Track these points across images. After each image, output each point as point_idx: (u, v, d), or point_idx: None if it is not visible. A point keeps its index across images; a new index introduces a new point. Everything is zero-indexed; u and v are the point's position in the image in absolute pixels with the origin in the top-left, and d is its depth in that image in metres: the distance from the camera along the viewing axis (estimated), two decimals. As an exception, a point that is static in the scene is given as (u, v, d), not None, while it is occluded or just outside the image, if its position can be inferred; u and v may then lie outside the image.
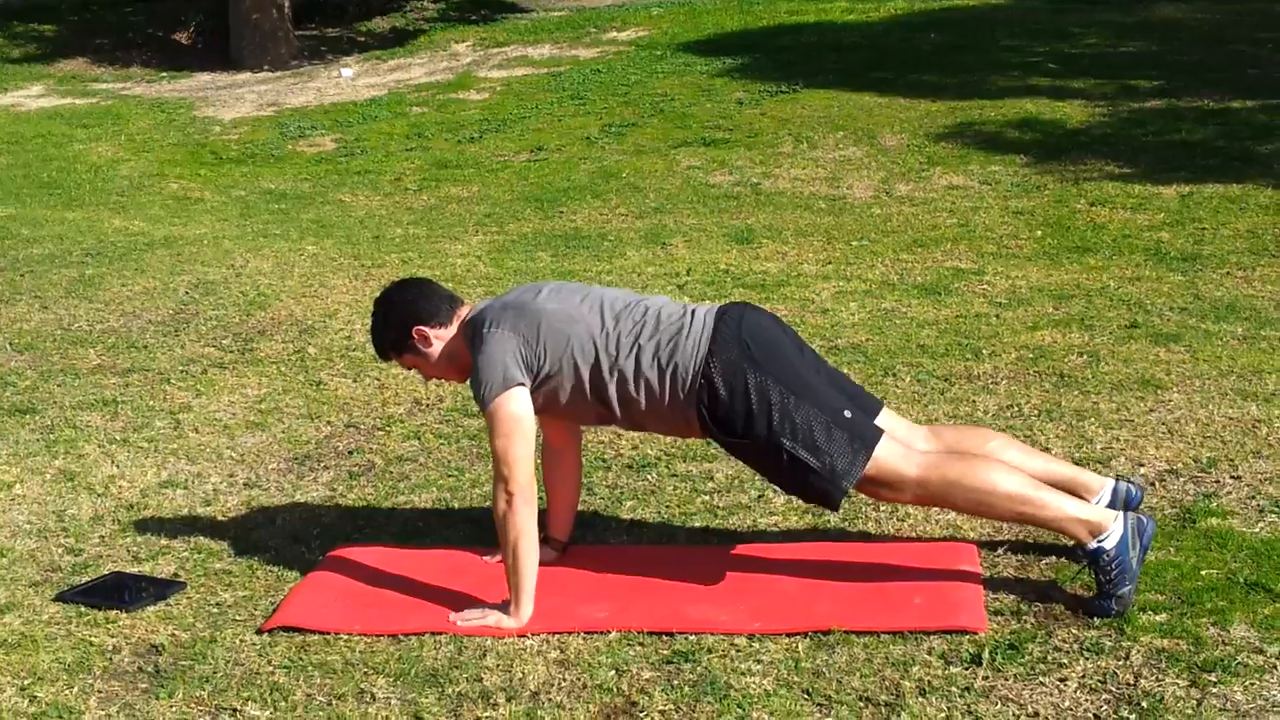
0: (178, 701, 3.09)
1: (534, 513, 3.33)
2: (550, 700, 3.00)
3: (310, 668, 3.20)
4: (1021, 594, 3.33)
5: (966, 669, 3.01)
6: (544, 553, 3.52)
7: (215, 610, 3.53)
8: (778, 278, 6.52)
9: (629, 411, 3.43)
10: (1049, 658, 3.04)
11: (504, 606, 3.35)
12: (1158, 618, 3.17)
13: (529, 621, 3.32)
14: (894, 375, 5.02)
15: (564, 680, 3.08)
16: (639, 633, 3.25)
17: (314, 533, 4.01)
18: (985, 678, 2.98)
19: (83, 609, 3.55)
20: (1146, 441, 4.25)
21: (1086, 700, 2.88)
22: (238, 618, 3.48)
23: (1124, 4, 13.80)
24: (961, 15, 13.99)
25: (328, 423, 4.92)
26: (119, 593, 3.63)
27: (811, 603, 3.34)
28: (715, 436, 3.42)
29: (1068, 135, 9.35)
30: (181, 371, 5.57)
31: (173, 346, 5.92)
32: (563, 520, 3.75)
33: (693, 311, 3.43)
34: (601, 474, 4.29)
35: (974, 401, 4.70)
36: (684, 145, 10.07)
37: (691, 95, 11.61)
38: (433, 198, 9.36)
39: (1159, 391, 4.68)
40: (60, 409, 5.17)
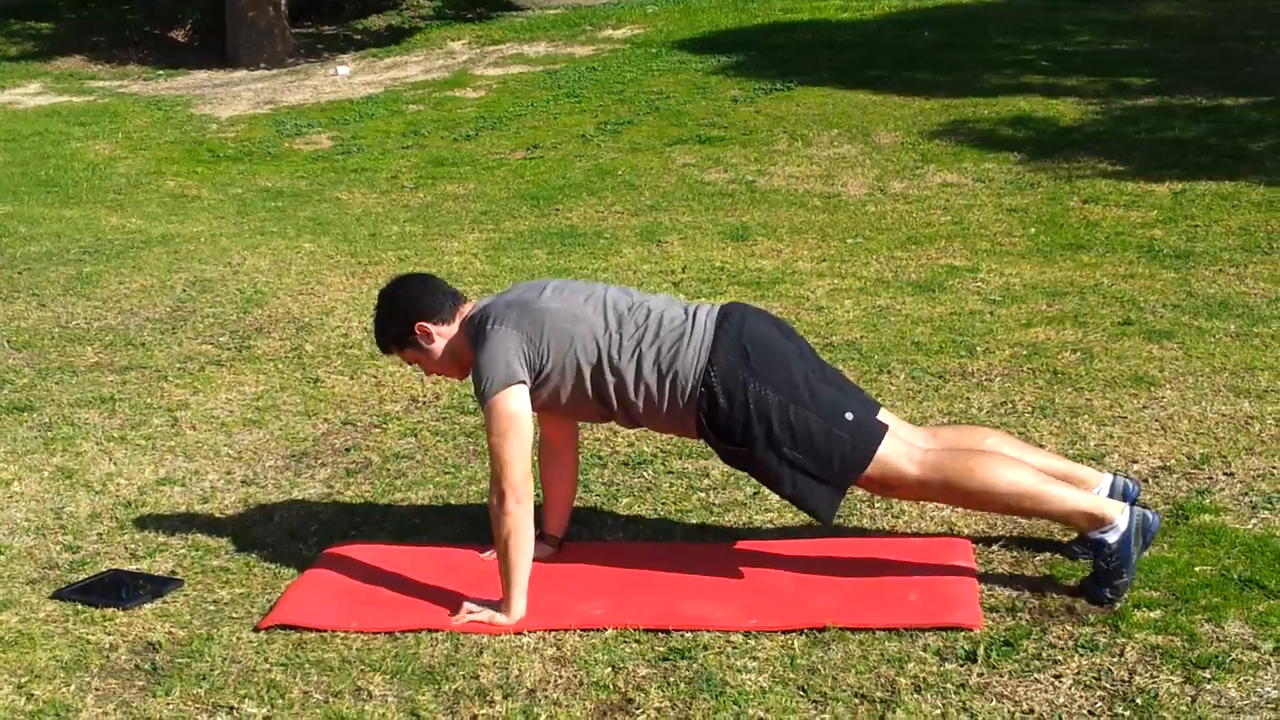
0: (175, 699, 3.10)
1: (529, 510, 3.34)
2: (547, 697, 3.01)
3: (307, 665, 3.21)
4: (1016, 590, 3.35)
5: (962, 666, 3.03)
6: (539, 549, 3.53)
7: (212, 608, 3.54)
8: (773, 275, 6.53)
9: (629, 412, 3.44)
10: (1044, 654, 3.05)
11: (498, 604, 3.36)
12: (1152, 614, 3.18)
13: (525, 618, 3.32)
14: (888, 372, 5.03)
15: (560, 677, 3.09)
16: (635, 630, 3.26)
17: (311, 530, 4.02)
18: (980, 674, 2.99)
19: (80, 606, 3.56)
20: (1140, 438, 4.27)
21: (1081, 697, 2.89)
22: (235, 615, 3.49)
23: (1116, 2, 13.82)
24: (955, 13, 13.99)
25: (325, 420, 4.93)
26: (116, 590, 3.64)
27: (807, 599, 3.35)
28: (713, 444, 3.44)
29: (1061, 133, 9.36)
30: (179, 369, 5.57)
31: (170, 344, 5.92)
32: (558, 517, 3.76)
33: (694, 316, 3.42)
34: (597, 471, 4.30)
35: (968, 398, 4.71)
36: (679, 143, 10.07)
37: (686, 93, 11.61)
38: (429, 195, 9.37)
39: (1152, 388, 4.70)
40: (58, 406, 5.18)
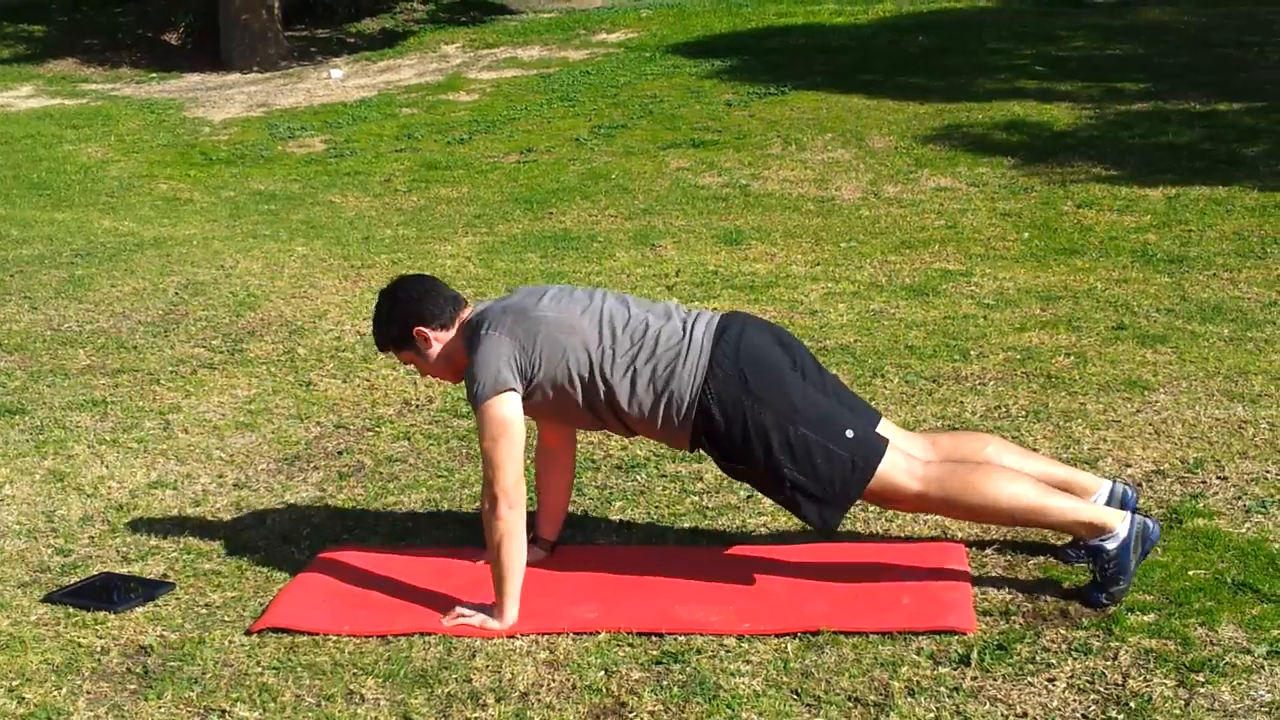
0: (166, 703, 3.09)
1: (521, 515, 3.33)
2: (539, 701, 3.01)
3: (299, 669, 3.20)
4: (1010, 594, 3.34)
5: (955, 669, 3.02)
6: (532, 553, 3.52)
7: (204, 611, 3.53)
8: (766, 279, 6.53)
9: (623, 422, 3.43)
10: (1037, 658, 3.05)
11: (491, 608, 3.35)
12: (1146, 618, 3.18)
13: (518, 622, 3.32)
14: (882, 376, 5.03)
15: (553, 681, 3.08)
16: (628, 633, 3.25)
17: (303, 533, 4.01)
18: (974, 678, 2.98)
19: (71, 610, 3.55)
20: (1133, 442, 4.27)
21: (1075, 700, 2.89)
22: (227, 618, 3.48)
23: (1110, 7, 13.84)
24: (949, 18, 14.01)
25: (317, 423, 4.92)
26: (108, 593, 3.62)
27: (801, 603, 3.35)
28: (714, 458, 3.43)
29: (1055, 137, 9.37)
30: (171, 372, 5.56)
31: (162, 347, 5.91)
32: (552, 521, 3.75)
33: (690, 333, 3.37)
34: (591, 475, 4.29)
35: (962, 402, 4.71)
36: (673, 147, 10.07)
37: (680, 97, 11.62)
38: (422, 199, 9.36)
39: (1146, 392, 4.70)
40: (50, 409, 5.16)
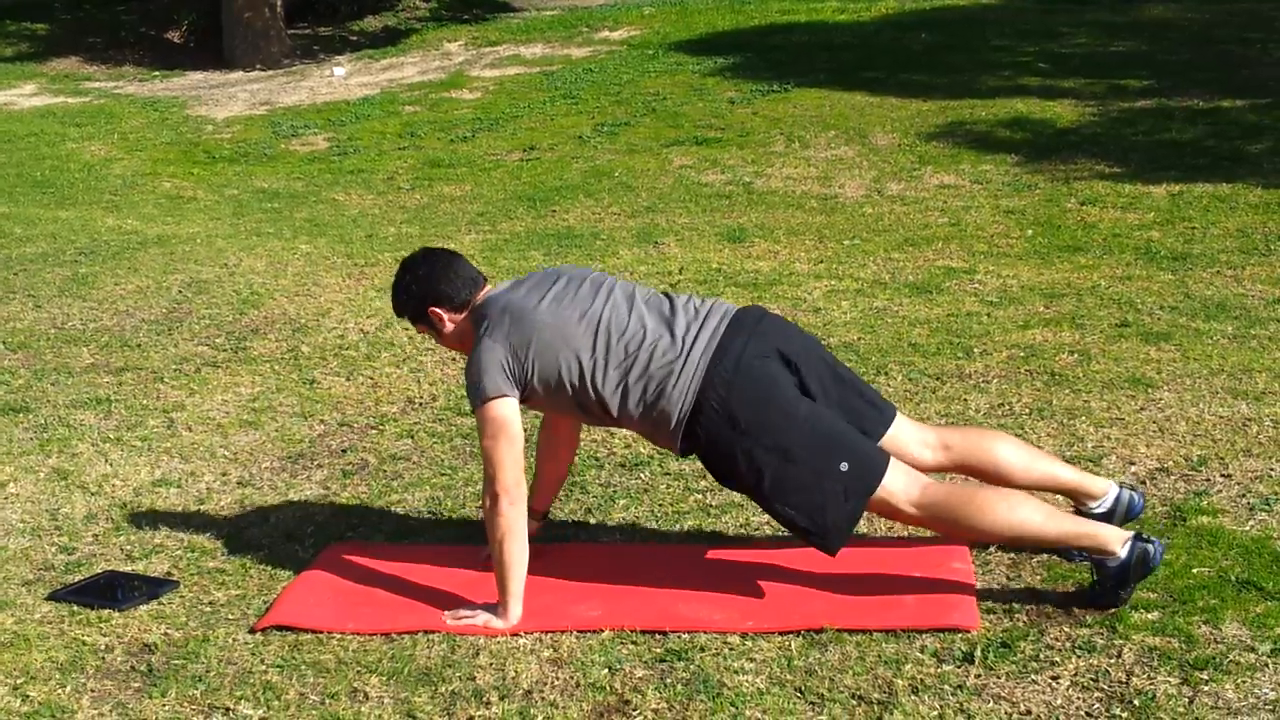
0: (170, 701, 3.09)
1: (522, 512, 3.33)
2: (543, 699, 3.01)
3: (303, 667, 3.20)
4: (1013, 592, 3.35)
5: (959, 667, 3.02)
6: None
7: (208, 609, 3.54)
8: (770, 276, 6.53)
9: (619, 426, 3.45)
10: (1041, 656, 3.05)
11: (494, 607, 3.36)
12: (1149, 616, 3.18)
13: (522, 620, 3.32)
14: (886, 374, 5.02)
15: (557, 679, 3.09)
16: (632, 631, 3.26)
17: (307, 531, 4.02)
18: (978, 676, 2.98)
19: (75, 608, 3.56)
20: (1137, 440, 4.27)
21: (1079, 698, 2.89)
22: (230, 616, 3.49)
23: (1113, 4, 13.82)
24: (952, 15, 14.00)
25: (321, 421, 4.92)
26: (111, 591, 3.63)
27: (804, 601, 3.35)
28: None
29: (1058, 135, 9.36)
30: (175, 370, 5.57)
31: (166, 345, 5.91)
32: (545, 493, 3.79)
33: (688, 352, 3.31)
34: (594, 472, 4.29)
35: (965, 400, 4.71)
36: (676, 144, 10.07)
37: (683, 94, 11.61)
38: (425, 196, 9.36)
39: (1149, 390, 4.70)
40: (54, 408, 5.17)
